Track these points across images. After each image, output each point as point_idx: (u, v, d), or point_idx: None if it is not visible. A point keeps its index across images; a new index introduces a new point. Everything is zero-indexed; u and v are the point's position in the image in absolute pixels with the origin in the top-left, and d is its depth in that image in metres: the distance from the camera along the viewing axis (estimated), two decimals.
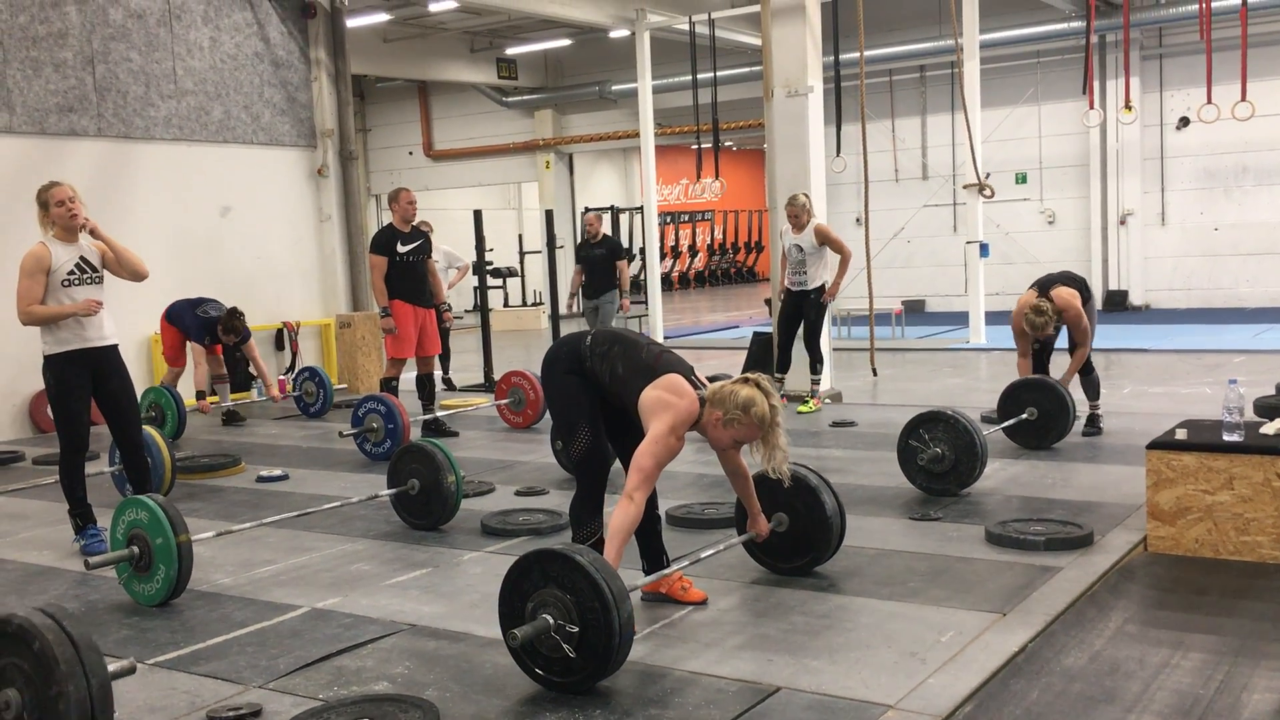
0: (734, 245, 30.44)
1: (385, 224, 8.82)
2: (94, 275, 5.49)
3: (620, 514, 3.91)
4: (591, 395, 4.20)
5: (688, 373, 4.11)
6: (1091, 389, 7.44)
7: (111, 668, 2.98)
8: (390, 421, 7.66)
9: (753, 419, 3.95)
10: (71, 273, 5.40)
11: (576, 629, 3.45)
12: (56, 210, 5.39)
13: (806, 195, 8.88)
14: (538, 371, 9.28)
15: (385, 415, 7.69)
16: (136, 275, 5.60)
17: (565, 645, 3.45)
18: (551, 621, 3.46)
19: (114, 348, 5.60)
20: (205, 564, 5.13)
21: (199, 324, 9.27)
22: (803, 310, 8.89)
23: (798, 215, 8.71)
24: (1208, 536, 4.74)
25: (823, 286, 8.81)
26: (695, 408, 4.00)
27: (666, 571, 4.28)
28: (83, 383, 5.47)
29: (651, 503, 4.33)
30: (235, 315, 9.27)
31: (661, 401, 3.99)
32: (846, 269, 8.81)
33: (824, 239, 8.71)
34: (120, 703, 3.65)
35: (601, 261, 11.14)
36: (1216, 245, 16.25)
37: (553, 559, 3.53)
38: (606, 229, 14.62)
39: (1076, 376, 7.33)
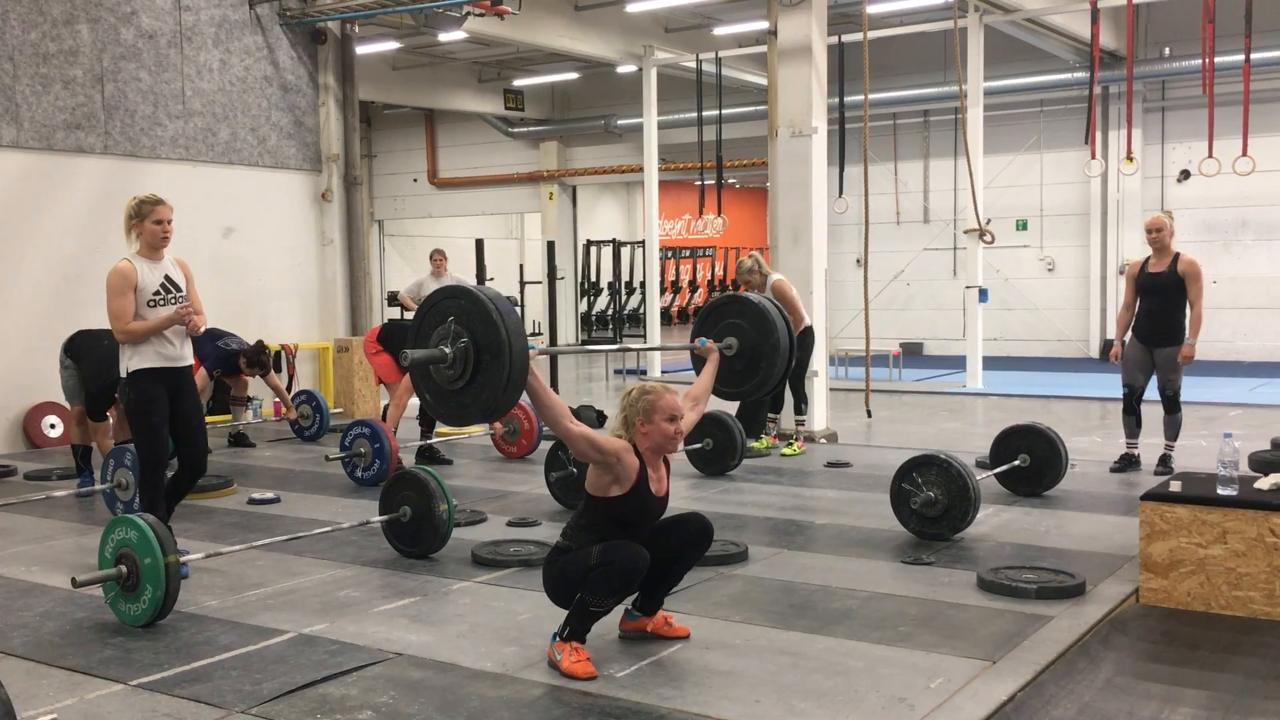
0: (734, 282, 30.44)
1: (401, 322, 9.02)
2: (179, 295, 5.44)
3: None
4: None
5: None
6: (1173, 430, 7.68)
7: None
8: (377, 444, 7.65)
9: (641, 401, 4.04)
10: (157, 293, 5.35)
11: (470, 362, 3.71)
12: (152, 227, 5.33)
13: (753, 256, 8.48)
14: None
15: (371, 439, 7.68)
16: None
17: (458, 376, 3.73)
18: (447, 352, 3.73)
19: (189, 368, 5.60)
20: (193, 586, 5.10)
21: (217, 355, 9.11)
22: None
23: (748, 281, 8.30)
24: (1200, 590, 4.73)
25: (810, 329, 8.71)
26: (622, 443, 4.05)
27: None
28: (163, 400, 5.44)
29: (683, 561, 4.27)
30: (261, 350, 9.24)
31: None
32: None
33: (781, 296, 8.11)
34: None
35: None
36: (1214, 298, 16.21)
37: (463, 295, 3.81)
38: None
39: (1162, 416, 7.65)
